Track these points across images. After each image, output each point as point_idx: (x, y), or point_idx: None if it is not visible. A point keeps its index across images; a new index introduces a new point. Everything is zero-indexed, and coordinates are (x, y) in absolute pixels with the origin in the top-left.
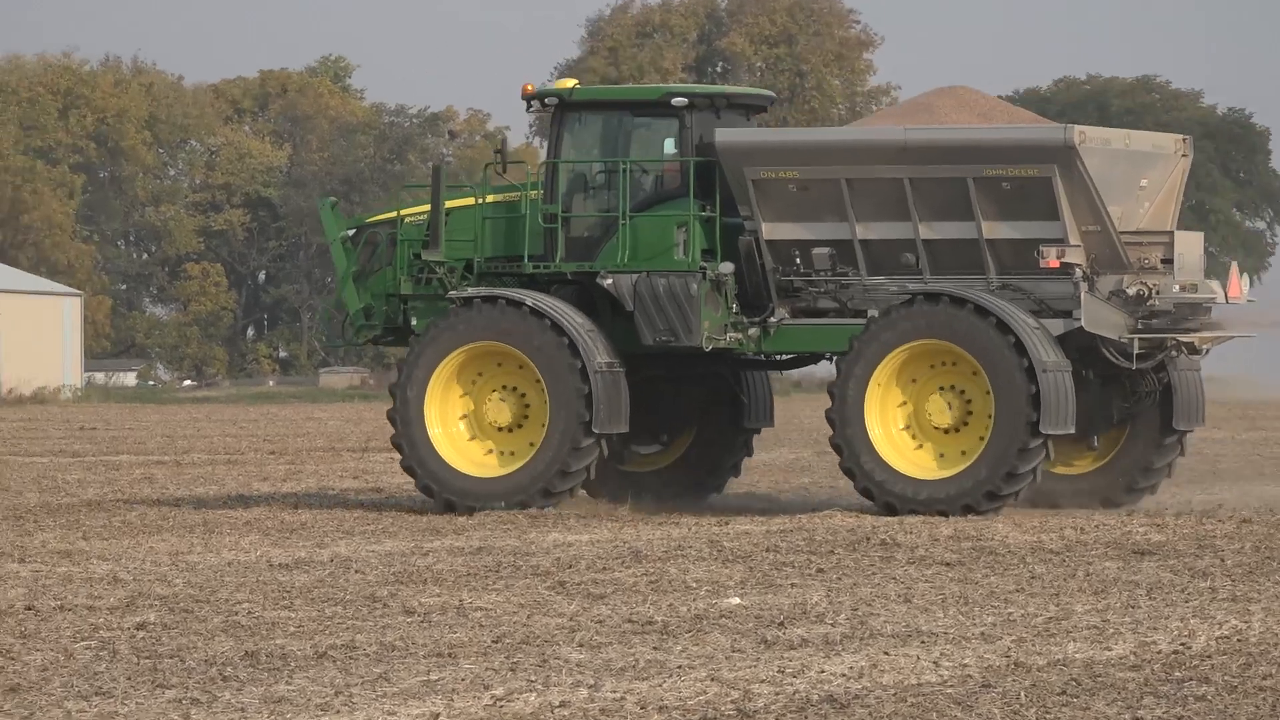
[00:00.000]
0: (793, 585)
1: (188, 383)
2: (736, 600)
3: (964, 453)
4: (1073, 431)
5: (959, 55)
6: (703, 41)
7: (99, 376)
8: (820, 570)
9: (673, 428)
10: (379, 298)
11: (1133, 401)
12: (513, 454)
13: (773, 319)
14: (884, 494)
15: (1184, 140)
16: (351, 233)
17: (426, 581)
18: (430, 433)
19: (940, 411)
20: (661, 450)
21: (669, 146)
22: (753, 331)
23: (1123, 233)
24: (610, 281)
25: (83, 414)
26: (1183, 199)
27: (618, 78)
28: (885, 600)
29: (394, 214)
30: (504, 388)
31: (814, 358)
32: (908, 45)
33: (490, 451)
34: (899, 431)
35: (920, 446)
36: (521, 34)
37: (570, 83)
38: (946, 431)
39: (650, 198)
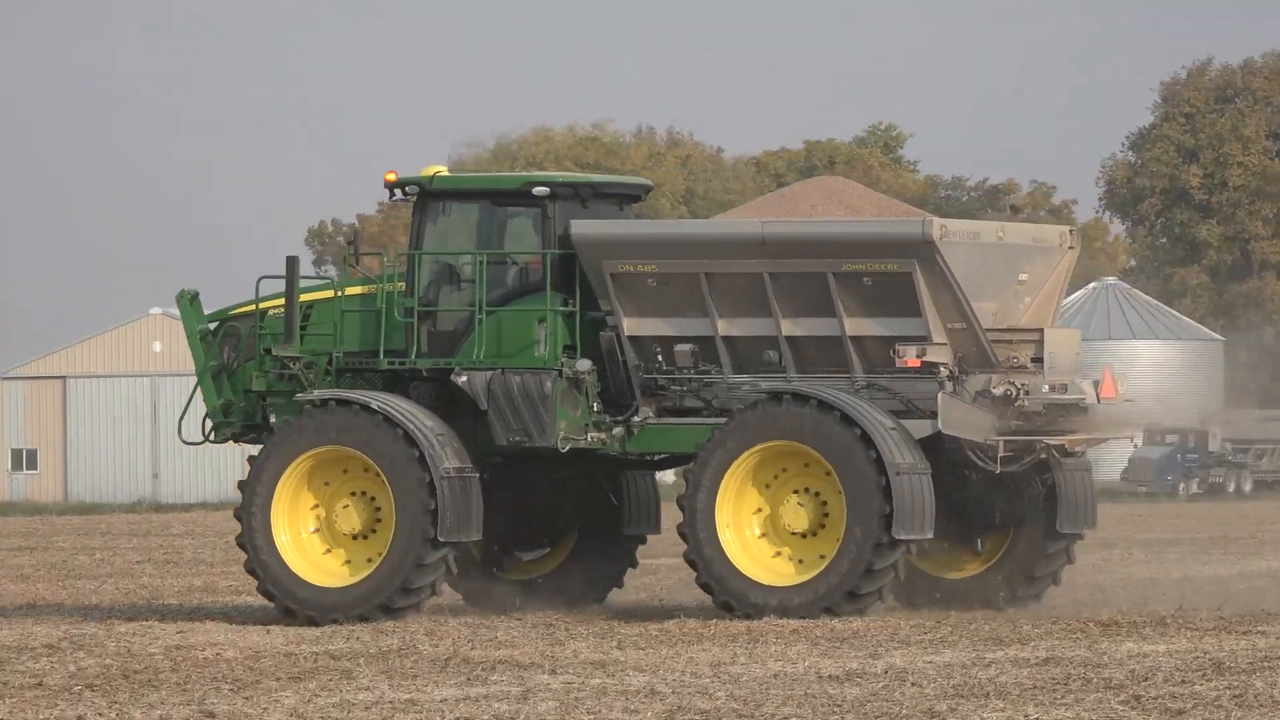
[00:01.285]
0: None
1: None
2: None
3: (822, 556)
4: (929, 536)
5: None
6: None
7: None
8: None
9: (554, 531)
10: (239, 394)
11: (1016, 504)
12: (367, 561)
13: (636, 418)
14: (743, 604)
15: (1070, 232)
16: (213, 326)
17: (989, 695)
18: (276, 537)
19: (795, 516)
20: (546, 555)
21: (531, 238)
22: (617, 431)
23: (991, 330)
24: (465, 379)
25: None
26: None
27: (1194, 146)
28: None
29: (253, 306)
30: (356, 493)
31: (688, 458)
32: None
33: (344, 561)
34: (755, 538)
35: (778, 553)
36: (1090, 97)
37: (437, 169)
38: (803, 535)
39: (511, 291)
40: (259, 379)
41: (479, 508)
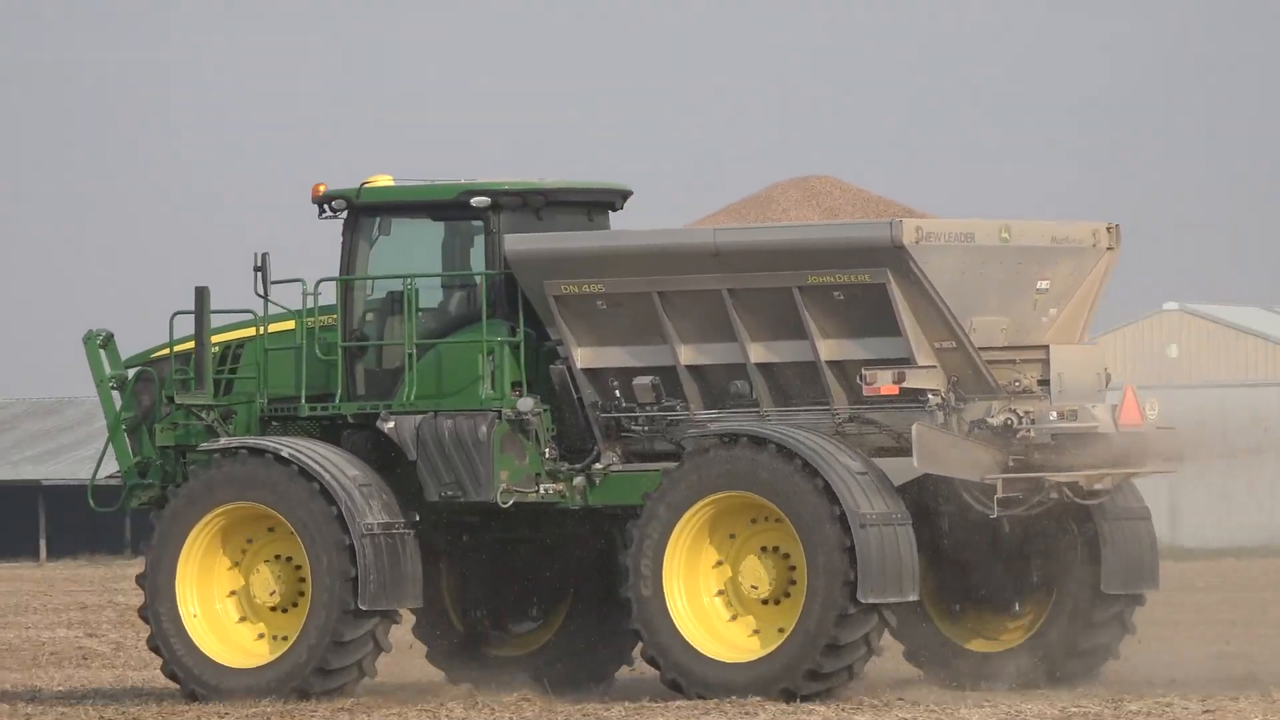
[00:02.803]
0: None
1: None
2: None
3: (781, 629)
4: (910, 598)
5: None
6: None
7: None
8: None
9: (545, 600)
10: (156, 450)
11: (1055, 559)
12: (284, 639)
13: (598, 465)
14: (692, 683)
15: (1107, 230)
16: (132, 373)
17: None
18: (182, 609)
19: (756, 579)
20: (537, 628)
21: (476, 257)
22: (577, 482)
23: (989, 349)
24: (391, 425)
25: None
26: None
27: None
28: None
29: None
30: (276, 557)
31: None
32: None
33: (260, 636)
34: (714, 606)
35: (737, 622)
36: None
37: (381, 180)
38: (766, 602)
39: (452, 321)
40: (165, 432)
41: (414, 570)
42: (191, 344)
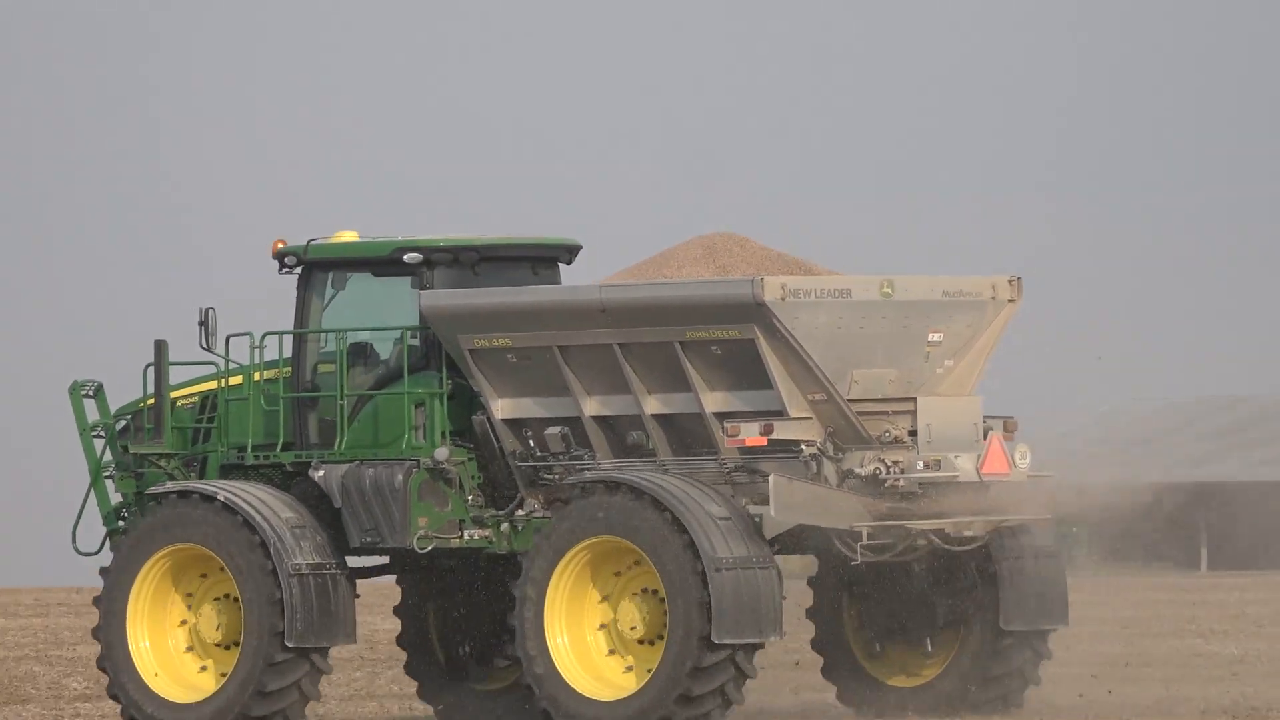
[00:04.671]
0: None
1: None
2: None
3: (648, 669)
4: (771, 638)
5: None
6: None
7: None
8: None
9: None
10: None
11: (957, 599)
12: (224, 674)
13: (520, 511)
14: (559, 714)
15: (1010, 282)
16: (121, 424)
17: None
18: (134, 651)
19: (632, 620)
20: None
21: (412, 312)
22: (504, 528)
23: (860, 400)
24: (321, 474)
25: None
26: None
27: None
28: None
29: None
30: (223, 596)
31: None
32: None
33: (203, 669)
34: (595, 636)
35: (612, 653)
36: None
37: (347, 236)
38: (642, 643)
39: (391, 374)
40: (124, 480)
41: (346, 609)
42: (173, 394)
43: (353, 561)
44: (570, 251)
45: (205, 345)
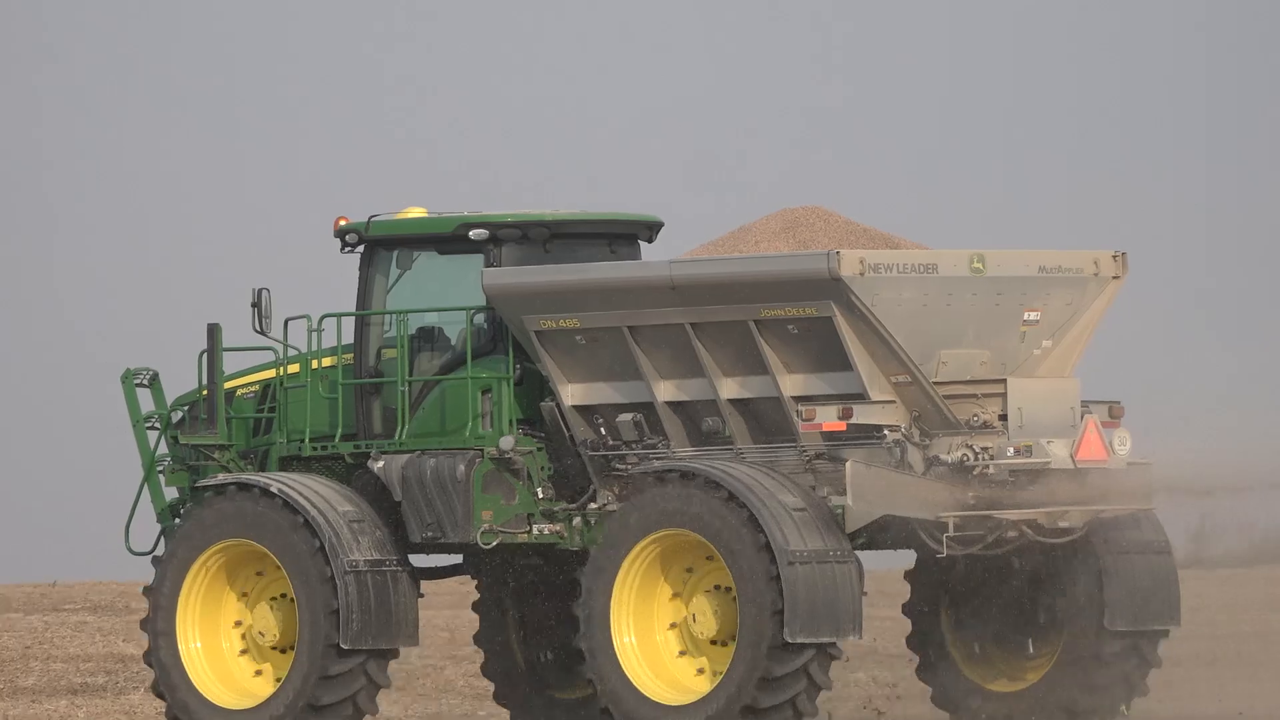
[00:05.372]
0: None
1: None
2: None
3: (716, 672)
4: (843, 638)
5: None
6: None
7: None
8: None
9: None
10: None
11: (1062, 597)
12: (277, 680)
13: (594, 504)
14: None
15: (1114, 258)
16: (178, 415)
17: None
18: (184, 651)
19: (704, 619)
20: None
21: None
22: (576, 522)
23: (947, 383)
24: (380, 465)
25: None
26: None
27: None
28: None
29: (230, 384)
30: (279, 596)
31: None
32: None
33: (258, 674)
34: (669, 649)
35: (683, 654)
36: None
37: (415, 212)
38: (714, 643)
39: (456, 358)
40: (176, 474)
41: (408, 609)
42: (228, 385)
43: (425, 561)
44: (650, 228)
45: (259, 328)
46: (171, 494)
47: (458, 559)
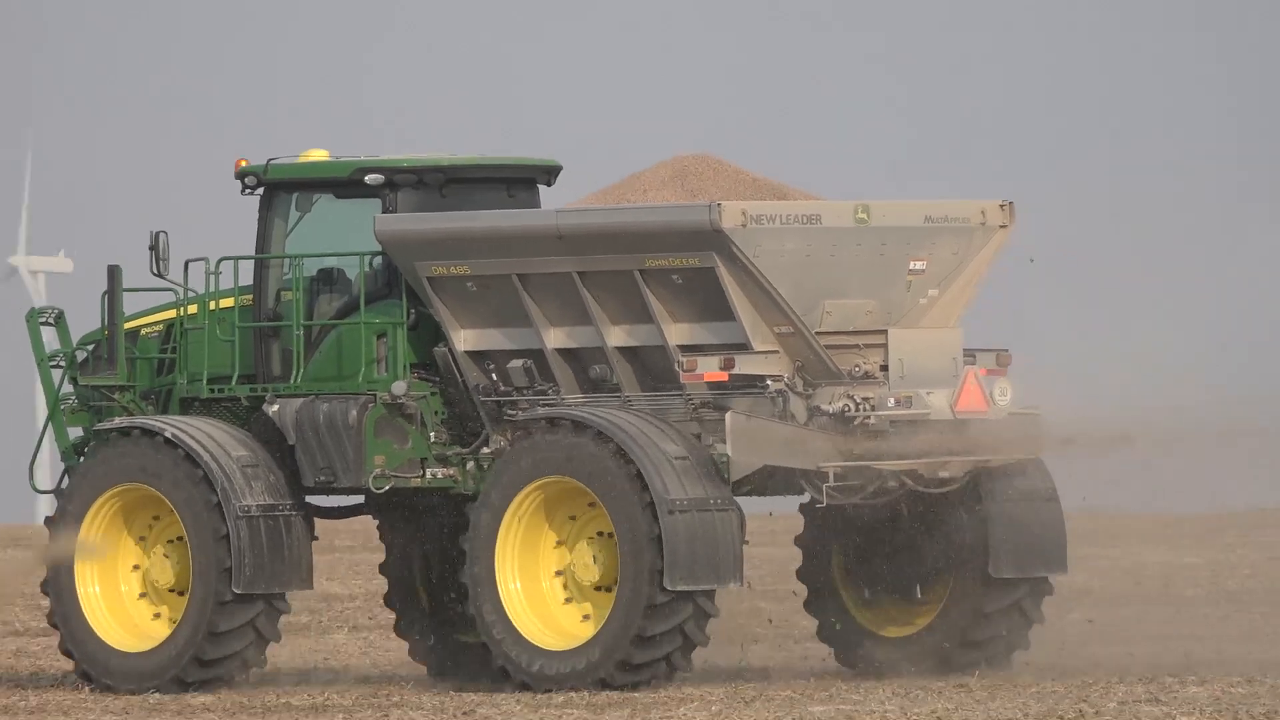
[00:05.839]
0: None
1: None
2: None
3: (585, 617)
4: (722, 585)
5: None
6: None
7: None
8: None
9: None
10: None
11: (947, 544)
12: (171, 622)
13: (486, 449)
14: (519, 673)
15: (1001, 207)
16: (83, 355)
17: None
18: (81, 588)
19: (585, 566)
20: None
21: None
22: (470, 466)
23: (830, 334)
24: (275, 409)
25: None
26: None
27: None
28: None
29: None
30: (175, 539)
31: None
32: None
33: (156, 617)
34: (551, 583)
35: (569, 601)
36: None
37: (317, 155)
38: (598, 589)
39: (352, 303)
40: (77, 414)
41: (301, 553)
42: (133, 324)
43: (328, 502)
44: (549, 173)
45: (156, 271)
46: (76, 433)
47: (359, 499)
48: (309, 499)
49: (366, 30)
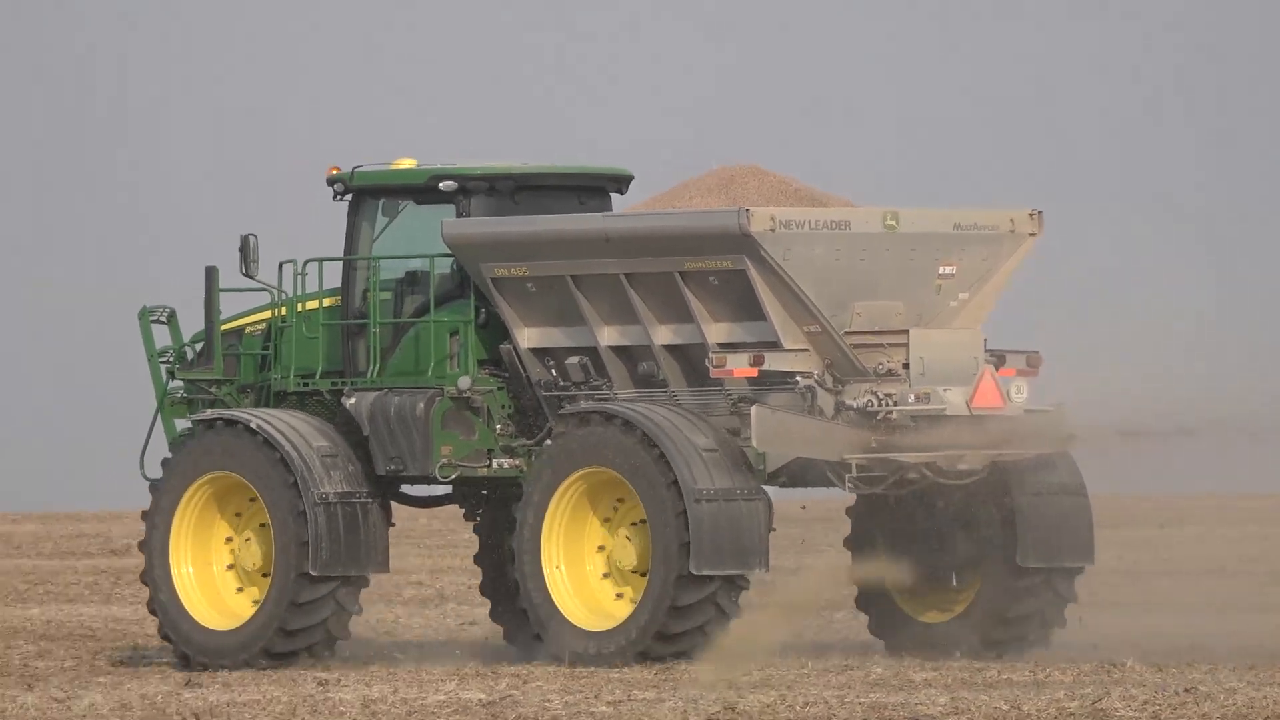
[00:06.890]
0: None
1: None
2: None
3: (631, 600)
4: (748, 570)
5: None
6: None
7: None
8: None
9: None
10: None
11: (976, 534)
12: (254, 603)
13: (549, 441)
14: (563, 652)
15: (1030, 215)
16: (192, 350)
17: None
18: (176, 573)
19: (624, 551)
20: None
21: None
22: (535, 457)
23: (856, 333)
24: (353, 401)
25: None
26: None
27: None
28: None
29: (240, 321)
30: (264, 524)
31: None
32: None
33: (241, 591)
34: (597, 578)
35: (611, 583)
36: None
37: (405, 163)
38: (635, 573)
39: (429, 302)
40: (176, 406)
41: (377, 538)
42: (238, 322)
43: (415, 492)
44: (620, 181)
45: (245, 272)
46: (185, 425)
47: (448, 489)
48: (404, 489)
49: (461, 43)
